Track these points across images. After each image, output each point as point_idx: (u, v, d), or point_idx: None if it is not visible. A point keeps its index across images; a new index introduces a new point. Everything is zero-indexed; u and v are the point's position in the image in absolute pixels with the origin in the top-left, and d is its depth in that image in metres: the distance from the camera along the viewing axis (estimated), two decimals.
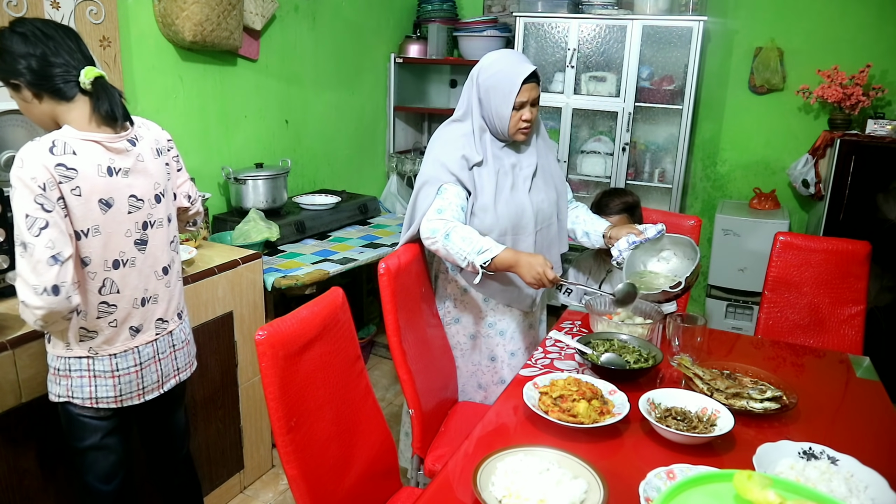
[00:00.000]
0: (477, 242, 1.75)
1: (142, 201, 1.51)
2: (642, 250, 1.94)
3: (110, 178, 1.43)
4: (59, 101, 1.40)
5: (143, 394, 1.58)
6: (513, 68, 1.86)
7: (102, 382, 1.50)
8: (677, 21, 3.27)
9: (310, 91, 3.28)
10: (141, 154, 1.51)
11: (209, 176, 2.78)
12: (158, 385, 1.61)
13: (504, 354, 2.07)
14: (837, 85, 3.18)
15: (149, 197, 1.53)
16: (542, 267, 1.70)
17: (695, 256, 1.88)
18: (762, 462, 1.27)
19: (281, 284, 2.36)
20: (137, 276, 1.52)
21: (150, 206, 1.53)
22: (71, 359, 1.48)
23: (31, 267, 1.31)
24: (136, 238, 1.51)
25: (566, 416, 1.44)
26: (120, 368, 1.52)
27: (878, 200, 3.02)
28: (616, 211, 2.25)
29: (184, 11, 2.38)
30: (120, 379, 1.52)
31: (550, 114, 3.67)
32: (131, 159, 1.48)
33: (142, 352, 1.56)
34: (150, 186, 1.53)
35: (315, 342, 1.42)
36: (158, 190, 1.56)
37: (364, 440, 1.55)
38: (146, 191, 1.52)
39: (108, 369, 1.50)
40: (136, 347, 1.55)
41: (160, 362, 1.61)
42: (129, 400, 1.55)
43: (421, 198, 1.88)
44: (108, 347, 1.50)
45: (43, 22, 1.42)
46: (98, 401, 1.50)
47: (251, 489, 2.43)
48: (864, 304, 2.24)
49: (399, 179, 3.94)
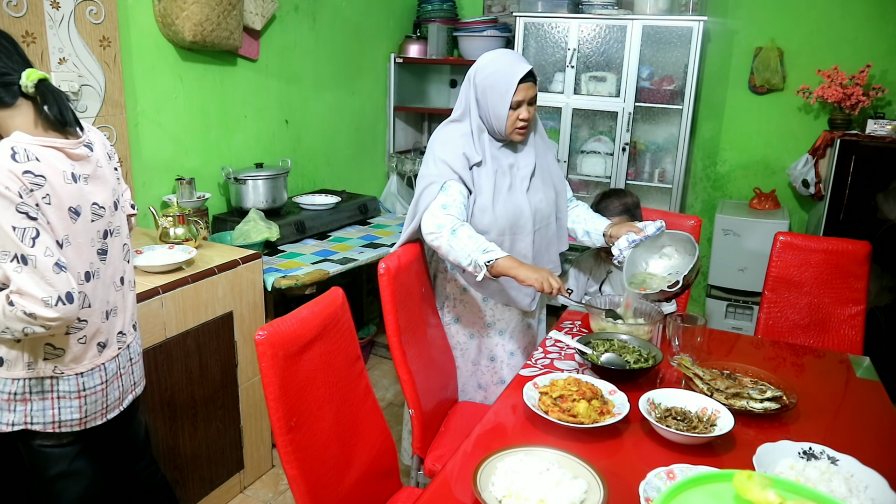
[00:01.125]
0: (482, 243, 1.74)
1: (103, 209, 1.43)
2: (643, 248, 1.94)
3: (76, 184, 1.35)
4: (1, 108, 1.30)
5: (105, 412, 1.49)
6: (509, 67, 1.86)
7: (67, 404, 1.41)
8: (677, 21, 3.27)
9: (310, 91, 3.28)
10: (99, 160, 1.44)
11: (209, 176, 2.78)
12: (119, 402, 1.53)
13: (503, 354, 2.07)
14: (837, 85, 3.18)
15: (108, 204, 1.45)
16: (547, 273, 1.70)
17: (694, 252, 1.88)
18: (762, 462, 1.27)
19: (281, 284, 2.36)
20: (102, 288, 1.45)
21: (109, 213, 1.46)
22: (31, 380, 1.37)
23: (38, 278, 1.24)
24: (99, 248, 1.43)
25: (566, 416, 1.44)
26: (86, 388, 1.43)
27: (878, 200, 3.02)
28: (616, 213, 2.24)
29: (184, 11, 2.38)
30: (86, 399, 1.43)
31: (550, 114, 3.67)
32: (91, 165, 1.41)
33: (107, 368, 1.48)
34: (109, 193, 1.46)
35: (315, 342, 1.42)
36: (115, 197, 1.49)
37: (364, 440, 1.55)
38: (106, 198, 1.45)
39: (73, 389, 1.41)
40: (103, 364, 1.46)
41: (121, 378, 1.53)
42: (93, 421, 1.47)
43: (424, 195, 1.87)
44: (76, 366, 1.41)
45: None
46: (61, 424, 1.41)
47: (251, 489, 2.43)
48: (864, 304, 2.24)
49: (399, 179, 3.94)
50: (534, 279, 1.68)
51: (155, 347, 1.94)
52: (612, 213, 2.23)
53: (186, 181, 2.50)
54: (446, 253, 1.79)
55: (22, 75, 1.29)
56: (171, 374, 2.01)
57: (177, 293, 1.99)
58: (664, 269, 1.94)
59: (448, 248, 1.77)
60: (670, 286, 1.78)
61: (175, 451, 2.08)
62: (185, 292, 2.01)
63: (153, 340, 1.93)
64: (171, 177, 2.58)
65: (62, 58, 2.12)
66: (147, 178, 2.51)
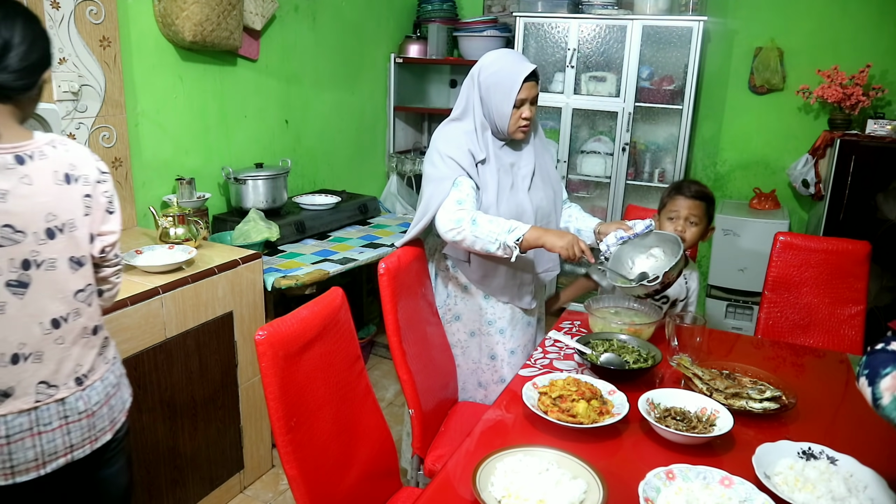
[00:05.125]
0: (505, 223, 1.78)
1: (21, 233, 1.19)
2: (631, 246, 1.94)
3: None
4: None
5: (12, 473, 1.23)
6: (514, 66, 1.87)
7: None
8: (677, 21, 3.27)
9: (310, 91, 3.28)
10: (29, 176, 1.19)
11: (209, 176, 2.78)
12: (38, 465, 1.26)
13: (504, 353, 2.07)
14: (837, 85, 3.18)
15: (34, 230, 1.20)
16: (570, 236, 1.75)
17: (678, 253, 1.88)
18: (761, 462, 1.28)
19: (281, 284, 2.36)
20: (8, 327, 1.20)
21: (35, 240, 1.21)
22: None
23: None
24: (10, 279, 1.19)
25: (565, 417, 1.44)
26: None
27: (878, 200, 3.02)
28: (695, 195, 2.04)
29: (184, 11, 2.38)
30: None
31: (550, 114, 3.67)
32: (12, 180, 1.17)
33: (9, 422, 1.21)
34: (39, 217, 1.21)
35: (315, 342, 1.42)
36: (53, 223, 1.23)
37: (364, 440, 1.55)
38: (30, 222, 1.20)
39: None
40: (3, 417, 1.20)
41: (39, 436, 1.25)
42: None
43: (436, 192, 1.86)
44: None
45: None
46: None
47: (251, 489, 2.43)
48: (864, 304, 2.24)
49: (399, 179, 3.94)
50: (560, 247, 1.75)
51: (155, 347, 1.94)
52: (687, 194, 2.05)
53: (186, 181, 2.51)
54: (472, 244, 1.80)
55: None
56: (170, 375, 2.01)
57: (177, 293, 1.99)
58: (649, 268, 1.94)
59: (473, 238, 1.78)
60: (649, 280, 1.78)
61: (175, 451, 2.08)
62: (184, 292, 2.01)
63: (153, 340, 1.93)
64: (171, 177, 2.58)
65: (62, 58, 2.12)
66: (147, 178, 2.51)
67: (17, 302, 1.21)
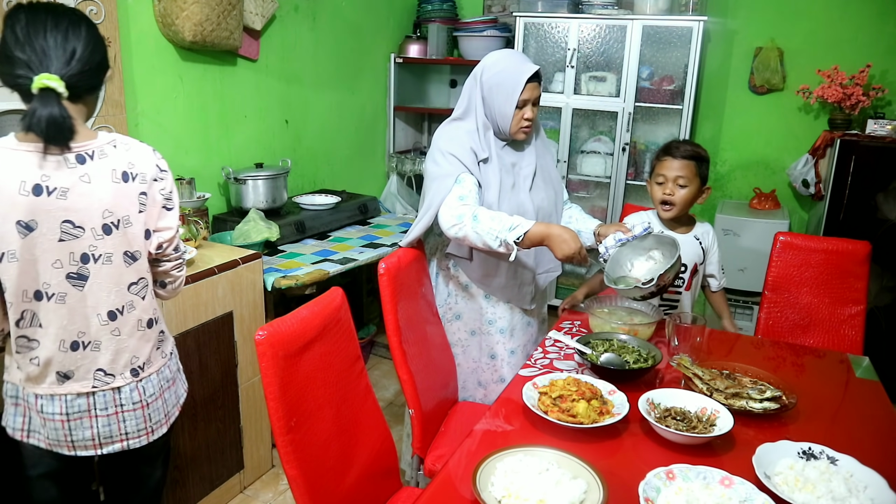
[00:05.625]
0: (507, 220, 1.74)
1: (80, 229, 1.29)
2: (630, 248, 1.94)
3: (36, 197, 1.23)
4: (25, 103, 1.25)
5: (73, 447, 1.38)
6: (517, 67, 1.88)
7: (35, 419, 1.37)
8: (677, 21, 3.27)
9: (310, 91, 3.28)
10: (88, 174, 1.28)
11: (209, 176, 2.78)
12: (95, 445, 1.39)
13: (504, 352, 2.07)
14: (837, 85, 3.18)
15: (92, 225, 1.30)
16: (575, 242, 1.71)
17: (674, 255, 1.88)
18: (761, 462, 1.27)
19: (281, 284, 2.36)
20: (69, 316, 1.32)
21: (93, 235, 1.30)
22: (9, 384, 1.36)
23: None
24: (71, 271, 1.30)
25: (566, 417, 1.44)
26: (45, 411, 1.35)
27: (878, 200, 3.02)
28: (683, 154, 2.02)
29: (184, 11, 2.38)
30: (45, 423, 1.36)
31: (550, 114, 3.67)
32: (73, 178, 1.27)
33: (70, 402, 1.35)
34: (96, 213, 1.30)
35: (315, 342, 1.42)
36: (110, 219, 1.32)
37: (364, 440, 1.55)
38: (88, 218, 1.29)
39: (34, 406, 1.35)
40: (64, 396, 1.35)
41: (95, 419, 1.38)
42: (59, 448, 1.38)
43: (438, 190, 1.86)
44: (34, 386, 1.34)
45: (34, 15, 1.25)
46: (30, 435, 1.37)
47: (251, 489, 2.43)
48: (864, 304, 2.24)
49: (399, 179, 3.94)
50: (563, 255, 1.70)
51: None
52: (679, 155, 2.03)
53: (186, 181, 2.51)
54: (474, 241, 1.78)
55: (34, 80, 1.21)
56: None
57: None
58: (648, 271, 1.94)
59: (475, 234, 1.76)
60: (644, 283, 1.78)
61: (175, 451, 2.07)
62: (184, 292, 2.01)
63: None
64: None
65: None
66: None
67: (76, 293, 1.31)
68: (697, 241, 2.10)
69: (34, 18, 1.24)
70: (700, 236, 2.11)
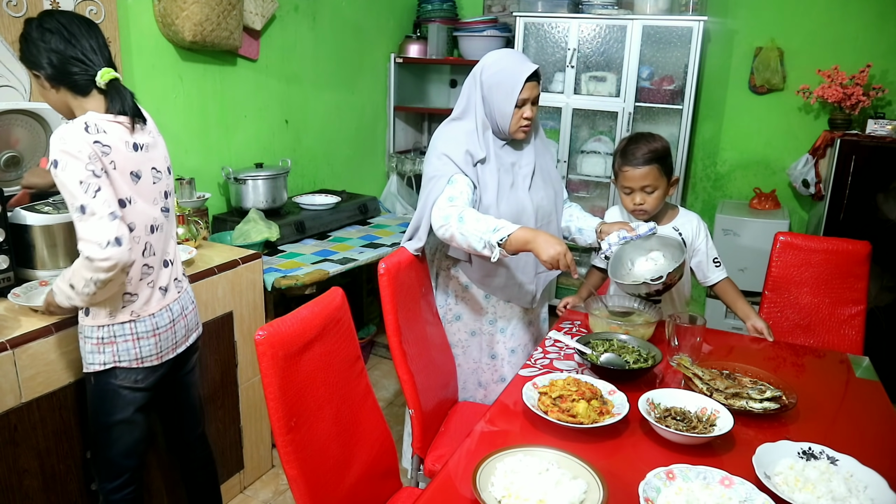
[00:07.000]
0: (492, 222, 1.71)
1: (160, 172, 1.67)
2: (632, 247, 1.94)
3: (136, 153, 1.58)
4: (76, 95, 1.54)
5: (175, 347, 1.73)
6: (516, 66, 1.88)
7: (145, 343, 1.64)
8: (677, 21, 3.27)
9: (310, 91, 3.28)
10: (152, 131, 1.68)
11: (209, 176, 2.78)
12: (185, 338, 1.78)
13: (504, 352, 2.07)
14: (837, 85, 3.18)
15: (163, 168, 1.69)
16: (561, 246, 1.65)
17: (681, 258, 1.88)
18: (761, 462, 1.27)
19: (281, 284, 2.36)
20: (164, 240, 1.69)
21: (166, 176, 1.70)
22: (115, 325, 1.60)
23: (94, 225, 1.44)
24: (162, 205, 1.68)
25: (566, 417, 1.44)
26: (159, 327, 1.67)
27: (878, 200, 3.02)
28: (643, 161, 1.94)
29: (184, 11, 2.38)
30: (160, 336, 1.67)
31: (550, 114, 3.67)
32: (147, 137, 1.64)
33: (172, 309, 1.72)
34: (163, 160, 1.70)
35: (315, 342, 1.42)
36: (168, 163, 1.73)
37: (364, 440, 1.55)
38: (161, 163, 1.68)
39: (149, 329, 1.64)
40: (168, 305, 1.70)
41: (186, 318, 1.77)
42: (167, 354, 1.70)
43: (432, 191, 1.86)
44: (148, 307, 1.65)
45: (69, 18, 1.52)
46: (143, 360, 1.64)
47: (251, 489, 2.43)
48: (864, 304, 2.24)
49: (399, 179, 3.94)
50: (549, 256, 1.63)
51: None
52: (638, 163, 1.95)
53: (186, 181, 2.51)
54: (460, 243, 1.75)
55: (98, 73, 1.52)
56: None
57: None
58: (648, 271, 1.94)
59: (460, 236, 1.74)
60: (653, 279, 1.79)
61: None
62: None
63: None
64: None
65: None
66: None
67: (165, 223, 1.70)
68: (676, 231, 2.05)
69: (69, 23, 1.52)
70: (680, 227, 2.06)
